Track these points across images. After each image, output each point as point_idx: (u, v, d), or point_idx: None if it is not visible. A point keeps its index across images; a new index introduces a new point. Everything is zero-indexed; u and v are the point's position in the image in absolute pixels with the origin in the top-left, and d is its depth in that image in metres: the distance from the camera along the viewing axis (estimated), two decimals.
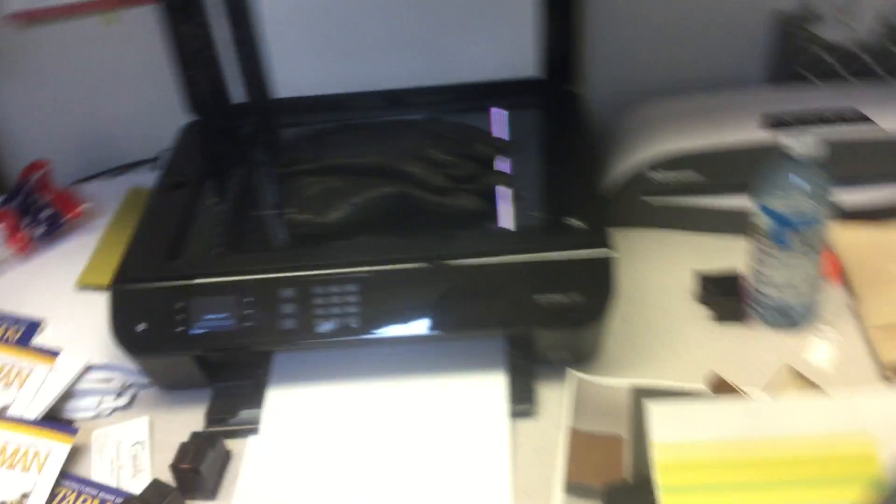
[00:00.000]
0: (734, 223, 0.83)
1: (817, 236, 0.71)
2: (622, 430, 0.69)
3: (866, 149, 0.82)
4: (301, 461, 0.69)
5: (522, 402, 0.72)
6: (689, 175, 0.85)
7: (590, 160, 0.82)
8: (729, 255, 0.82)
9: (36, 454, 0.69)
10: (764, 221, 0.72)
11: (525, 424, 0.71)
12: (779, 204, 0.70)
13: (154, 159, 0.99)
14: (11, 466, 0.68)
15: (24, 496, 0.67)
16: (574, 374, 0.73)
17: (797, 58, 0.94)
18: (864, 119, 0.83)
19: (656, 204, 0.87)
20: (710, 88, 0.95)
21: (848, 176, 0.80)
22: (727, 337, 0.77)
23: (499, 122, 0.85)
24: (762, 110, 0.86)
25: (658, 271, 0.85)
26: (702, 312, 0.80)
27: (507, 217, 0.77)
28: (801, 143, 0.68)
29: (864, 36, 0.91)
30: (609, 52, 0.97)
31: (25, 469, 0.68)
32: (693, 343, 0.77)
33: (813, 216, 0.69)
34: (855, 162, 0.81)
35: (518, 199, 0.78)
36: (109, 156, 1.01)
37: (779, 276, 0.74)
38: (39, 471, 0.68)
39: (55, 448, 0.69)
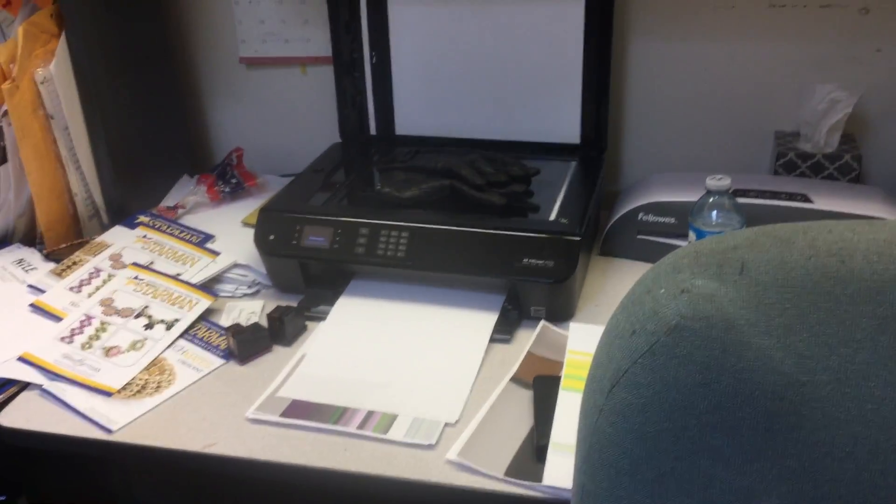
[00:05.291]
0: None
1: None
2: (563, 358, 0.99)
3: (790, 215, 1.09)
4: (347, 342, 1.04)
5: (503, 333, 1.04)
6: (668, 219, 1.16)
7: (593, 196, 1.16)
8: None
9: (189, 301, 1.08)
10: (691, 237, 1.02)
11: (500, 346, 1.03)
12: (698, 222, 1.00)
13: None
14: (173, 303, 1.08)
15: (177, 320, 1.06)
16: (543, 322, 1.04)
17: (780, 160, 1.24)
18: (806, 199, 1.12)
19: (643, 240, 1.18)
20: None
21: None
22: None
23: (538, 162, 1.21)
24: (737, 185, 1.17)
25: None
26: None
27: (517, 211, 1.11)
28: (718, 182, 0.99)
29: (825, 148, 1.20)
30: (636, 138, 1.31)
31: (181, 307, 1.08)
32: None
33: (721, 232, 0.99)
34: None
35: (529, 202, 1.13)
36: (283, 163, 1.45)
37: None
38: (189, 310, 1.07)
39: (202, 301, 1.09)
